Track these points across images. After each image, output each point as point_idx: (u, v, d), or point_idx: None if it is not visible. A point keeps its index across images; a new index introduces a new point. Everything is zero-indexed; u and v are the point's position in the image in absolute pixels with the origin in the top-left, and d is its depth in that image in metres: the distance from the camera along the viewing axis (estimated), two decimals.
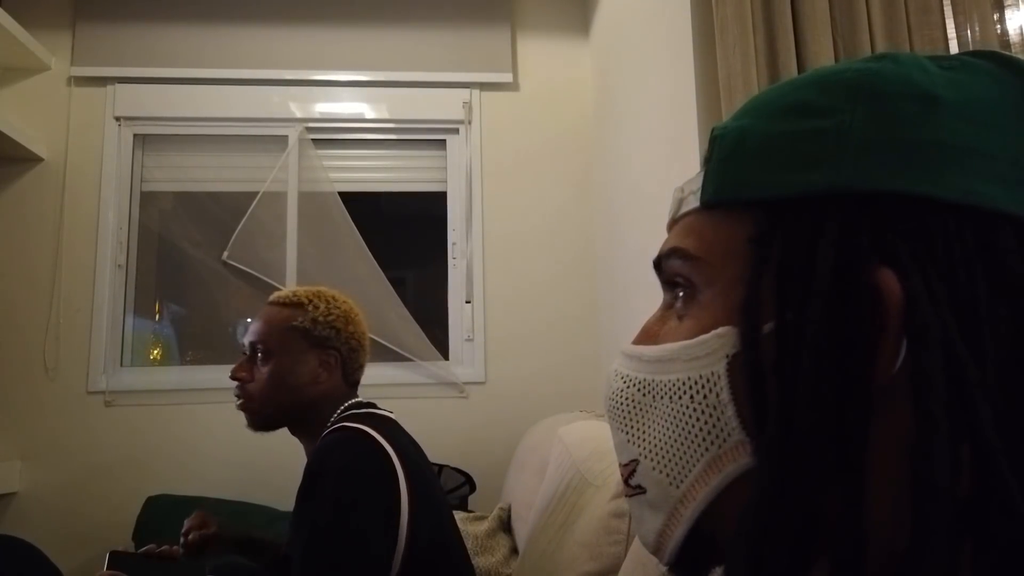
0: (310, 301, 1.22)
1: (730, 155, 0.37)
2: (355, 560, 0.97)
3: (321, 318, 1.20)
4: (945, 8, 1.40)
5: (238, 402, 1.22)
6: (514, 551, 1.72)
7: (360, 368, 1.26)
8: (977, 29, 1.38)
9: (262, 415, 1.21)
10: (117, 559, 1.11)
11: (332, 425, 1.17)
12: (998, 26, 1.41)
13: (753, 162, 0.36)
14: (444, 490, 1.61)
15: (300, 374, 1.18)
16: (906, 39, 1.37)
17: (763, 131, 0.36)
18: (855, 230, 0.32)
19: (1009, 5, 1.41)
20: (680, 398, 0.35)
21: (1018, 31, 1.41)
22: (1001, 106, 0.33)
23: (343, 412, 1.20)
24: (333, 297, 1.25)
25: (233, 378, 1.22)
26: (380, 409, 1.24)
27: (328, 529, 0.98)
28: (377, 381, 2.29)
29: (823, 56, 1.33)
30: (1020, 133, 0.32)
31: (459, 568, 1.17)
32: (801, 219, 0.33)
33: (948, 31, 1.39)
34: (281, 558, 1.07)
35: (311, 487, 1.03)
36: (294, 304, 1.22)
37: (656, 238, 0.41)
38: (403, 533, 1.03)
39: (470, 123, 2.51)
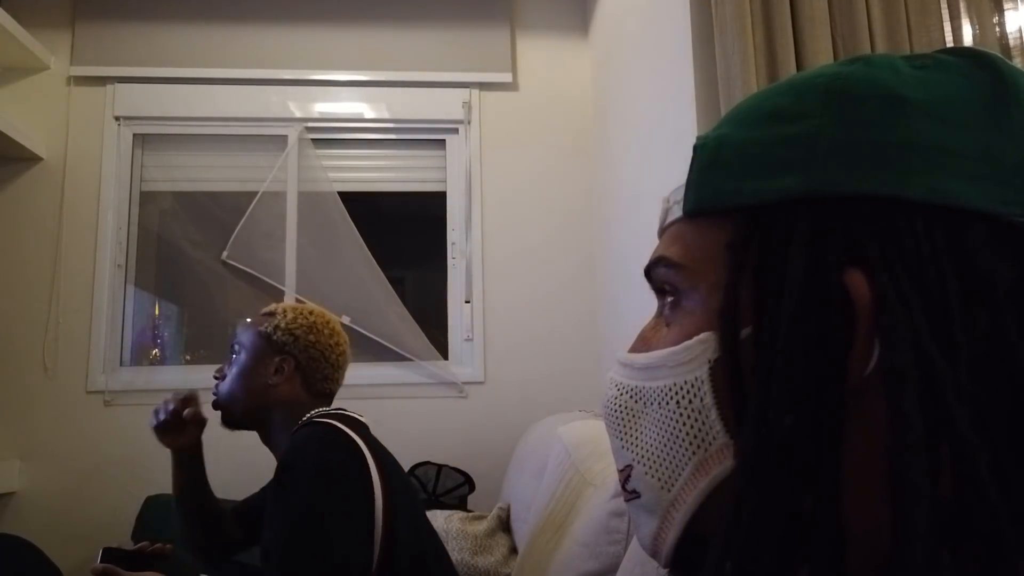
0: (283, 312, 1.29)
1: (709, 164, 0.38)
2: (334, 551, 0.97)
3: (283, 325, 1.26)
4: (943, 9, 1.40)
5: (213, 399, 1.30)
6: (513, 551, 1.72)
7: (325, 380, 1.27)
8: (976, 29, 1.38)
9: (226, 411, 1.27)
10: (110, 555, 1.11)
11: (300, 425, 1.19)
12: (997, 28, 1.41)
13: (730, 170, 0.36)
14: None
15: (257, 375, 1.24)
16: (906, 39, 1.37)
17: (740, 139, 0.37)
18: (825, 233, 0.32)
19: (1009, 7, 1.41)
20: (667, 404, 0.36)
21: (1017, 32, 1.41)
22: (971, 103, 0.33)
23: (312, 416, 1.21)
24: (310, 312, 1.30)
25: (214, 377, 1.31)
26: (350, 412, 1.26)
27: (306, 516, 0.99)
28: (377, 381, 2.32)
29: (822, 55, 1.33)
30: (990, 129, 0.32)
31: (441, 561, 1.19)
32: (774, 224, 0.34)
33: (948, 31, 1.39)
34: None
35: (285, 481, 1.04)
36: (268, 313, 1.30)
37: (654, 236, 0.42)
38: (379, 523, 1.04)
39: (469, 123, 2.51)
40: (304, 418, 1.20)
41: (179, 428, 1.29)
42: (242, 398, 1.24)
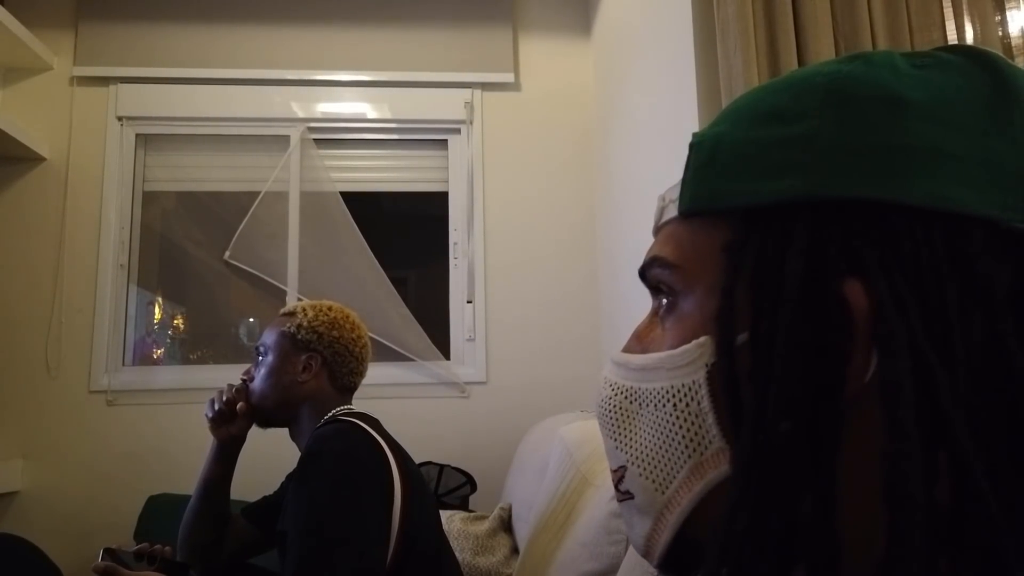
0: (303, 310, 1.33)
1: (705, 163, 0.37)
2: (351, 545, 0.99)
3: (306, 323, 1.30)
4: (945, 9, 1.39)
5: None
6: (515, 551, 1.72)
7: (350, 375, 1.32)
8: (978, 29, 1.37)
9: (258, 409, 1.31)
10: (111, 556, 1.12)
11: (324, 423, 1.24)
12: (999, 28, 1.41)
13: (727, 170, 0.36)
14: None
15: (285, 373, 1.28)
16: (907, 38, 1.37)
17: (737, 139, 0.36)
18: (823, 238, 0.32)
19: (1011, 7, 1.41)
20: (664, 406, 0.36)
21: (1020, 32, 1.40)
22: (971, 105, 0.32)
23: (335, 414, 1.26)
24: (329, 308, 1.34)
25: (242, 379, 1.35)
26: (368, 413, 1.30)
27: (326, 506, 1.02)
28: (379, 381, 2.30)
29: (824, 56, 1.33)
30: (990, 133, 0.32)
31: (451, 560, 1.22)
32: (772, 227, 0.33)
33: (949, 31, 1.39)
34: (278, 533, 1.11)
35: (308, 468, 1.07)
36: (290, 313, 1.35)
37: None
38: (396, 519, 1.06)
39: (471, 123, 2.51)
40: (327, 416, 1.24)
41: (231, 419, 1.31)
42: (273, 397, 1.28)
